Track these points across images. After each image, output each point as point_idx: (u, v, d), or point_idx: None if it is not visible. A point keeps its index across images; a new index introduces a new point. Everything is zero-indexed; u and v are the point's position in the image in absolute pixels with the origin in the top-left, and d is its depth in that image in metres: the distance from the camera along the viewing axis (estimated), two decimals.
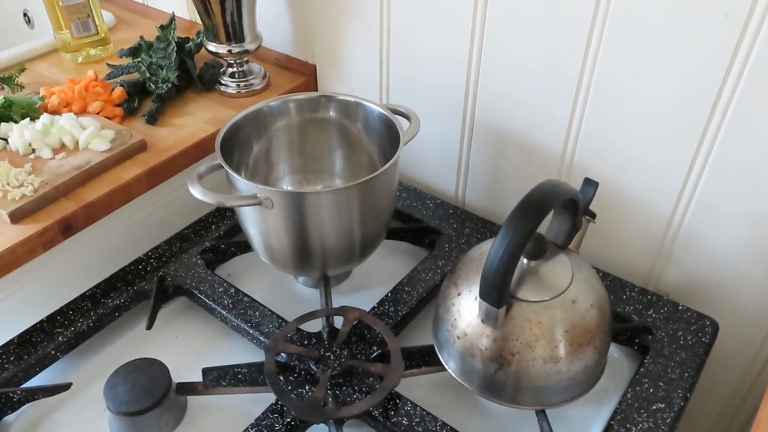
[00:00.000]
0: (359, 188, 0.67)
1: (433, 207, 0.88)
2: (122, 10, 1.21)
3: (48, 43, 1.07)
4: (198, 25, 1.09)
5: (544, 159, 0.81)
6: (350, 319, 0.69)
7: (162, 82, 0.94)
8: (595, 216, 0.63)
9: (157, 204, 0.87)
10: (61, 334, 0.71)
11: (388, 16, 0.85)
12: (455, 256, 0.80)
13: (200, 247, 0.81)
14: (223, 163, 0.66)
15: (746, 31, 0.60)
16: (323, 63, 0.98)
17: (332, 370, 0.65)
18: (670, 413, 0.63)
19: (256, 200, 0.65)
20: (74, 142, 0.83)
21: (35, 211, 0.75)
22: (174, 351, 0.73)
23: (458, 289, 0.61)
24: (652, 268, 0.80)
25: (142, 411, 0.61)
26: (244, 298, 0.75)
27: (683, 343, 0.70)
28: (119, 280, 0.77)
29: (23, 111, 0.88)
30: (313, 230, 0.68)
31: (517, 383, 0.59)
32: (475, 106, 0.83)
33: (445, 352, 0.64)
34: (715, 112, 0.65)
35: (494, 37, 0.77)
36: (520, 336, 0.57)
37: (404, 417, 0.62)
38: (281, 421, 0.62)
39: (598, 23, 0.68)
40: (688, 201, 0.72)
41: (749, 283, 0.74)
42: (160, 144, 0.86)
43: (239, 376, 0.66)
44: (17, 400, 0.65)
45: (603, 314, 0.60)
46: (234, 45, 0.93)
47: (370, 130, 0.78)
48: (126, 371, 0.64)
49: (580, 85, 0.73)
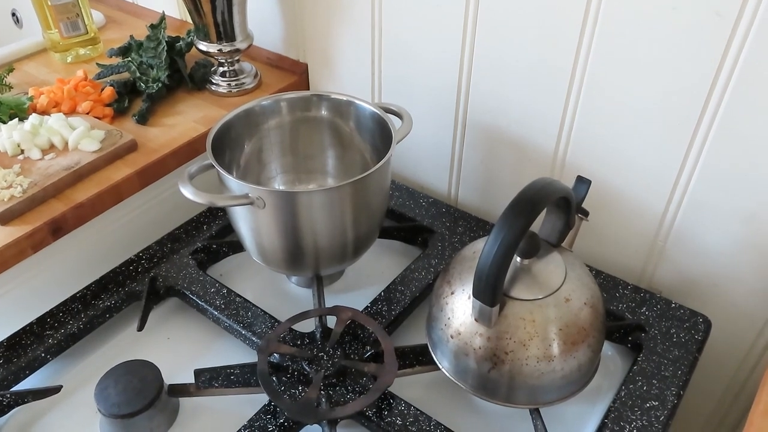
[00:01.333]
0: (352, 187, 0.66)
1: (426, 206, 0.87)
2: (112, 10, 1.21)
3: (37, 43, 1.06)
4: (188, 24, 1.09)
5: (537, 157, 0.81)
6: (343, 318, 0.69)
7: (152, 82, 0.93)
8: (587, 214, 0.63)
9: (148, 204, 0.87)
10: (51, 336, 0.70)
11: (380, 15, 0.84)
12: (448, 255, 0.79)
13: (192, 248, 0.81)
14: (214, 163, 0.66)
15: (737, 29, 0.60)
16: (315, 62, 0.98)
17: (325, 371, 0.65)
18: (663, 411, 0.63)
19: (247, 200, 0.64)
20: (63, 143, 0.82)
21: (24, 212, 0.74)
22: (166, 352, 0.72)
23: (451, 287, 0.61)
24: (644, 265, 0.80)
25: (134, 413, 0.60)
26: (236, 298, 0.74)
27: (676, 340, 0.70)
28: (110, 281, 0.76)
29: (12, 111, 0.87)
30: (306, 230, 0.68)
31: (511, 382, 0.59)
32: (468, 105, 0.83)
33: (438, 352, 0.64)
34: (706, 111, 0.66)
35: (486, 35, 0.76)
36: (514, 335, 0.57)
37: (398, 417, 0.62)
38: (274, 422, 0.62)
39: (589, 22, 0.68)
40: (680, 199, 0.73)
41: (741, 281, 0.74)
42: (151, 144, 0.86)
43: (232, 377, 0.65)
44: (6, 403, 0.64)
45: (596, 312, 0.60)
46: (225, 44, 0.93)
47: (362, 129, 0.78)
48: (117, 373, 0.63)
49: (572, 83, 0.73)
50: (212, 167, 0.67)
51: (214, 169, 0.66)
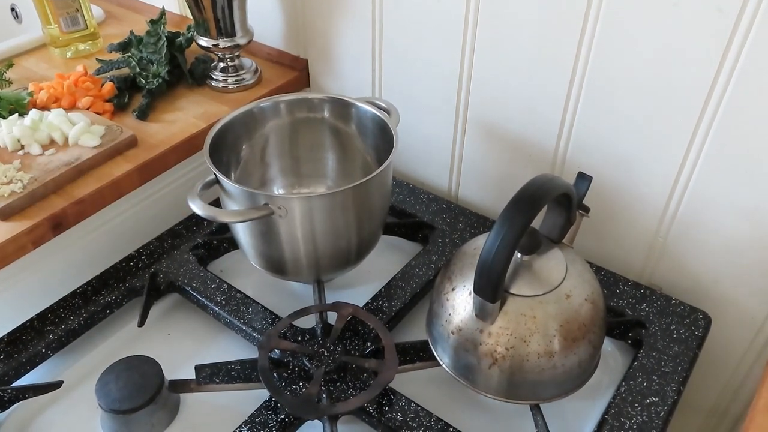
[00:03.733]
0: (354, 191, 0.65)
1: (427, 202, 0.87)
2: (111, 5, 1.20)
3: (36, 38, 1.06)
4: (188, 19, 1.08)
5: (538, 153, 0.81)
6: (344, 314, 0.69)
7: (152, 77, 0.93)
8: (588, 210, 0.63)
9: (148, 200, 0.87)
10: (52, 332, 0.70)
11: (380, 11, 0.84)
12: (449, 251, 0.79)
13: (192, 244, 0.81)
14: (218, 174, 0.65)
15: (739, 25, 0.60)
16: (315, 58, 0.97)
17: (326, 366, 0.65)
18: (663, 407, 0.63)
19: (268, 211, 0.63)
20: (64, 138, 0.82)
21: (24, 207, 0.74)
22: (166, 348, 0.72)
23: (452, 284, 0.61)
24: (645, 262, 0.80)
25: (135, 409, 0.60)
26: (236, 294, 0.74)
27: (676, 336, 0.70)
28: (110, 277, 0.76)
29: (11, 107, 0.87)
30: (318, 234, 0.67)
31: (512, 378, 0.59)
32: (468, 101, 0.83)
33: (439, 348, 0.64)
34: (707, 107, 0.65)
35: (487, 31, 0.76)
36: (515, 331, 0.57)
37: (399, 413, 0.62)
38: (275, 418, 0.62)
39: (591, 18, 0.68)
40: (681, 195, 0.72)
41: (742, 277, 0.74)
42: (151, 139, 0.86)
43: (232, 373, 0.65)
44: (7, 399, 0.64)
45: (597, 308, 0.60)
46: (225, 40, 0.93)
47: (362, 130, 0.78)
48: (118, 369, 0.63)
49: (573, 79, 0.72)
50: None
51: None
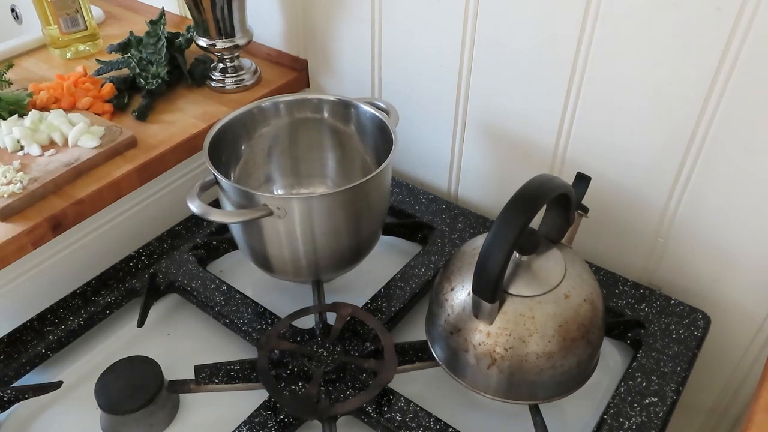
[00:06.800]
0: (353, 192, 0.65)
1: (426, 202, 0.87)
2: (111, 6, 1.20)
3: (36, 39, 1.06)
4: (188, 20, 1.08)
5: (537, 153, 0.81)
6: (343, 315, 0.69)
7: (152, 78, 0.93)
8: (587, 210, 0.63)
9: (147, 201, 0.87)
10: (52, 332, 0.70)
11: (380, 11, 0.84)
12: (448, 252, 0.79)
13: (192, 244, 0.81)
14: (218, 175, 0.65)
15: (738, 25, 0.60)
16: (315, 58, 0.97)
17: (325, 367, 0.65)
18: (662, 407, 0.63)
19: (267, 211, 0.63)
20: (63, 139, 0.82)
21: (24, 208, 0.74)
22: (166, 348, 0.72)
23: (451, 284, 0.61)
24: (644, 262, 0.80)
25: (134, 409, 0.60)
26: (236, 294, 0.74)
27: (676, 336, 0.70)
28: (110, 277, 0.76)
29: (11, 107, 0.86)
30: (318, 234, 0.67)
31: (511, 378, 0.59)
32: (468, 101, 0.83)
33: (438, 348, 0.64)
34: (707, 106, 0.65)
35: (486, 31, 0.76)
36: (513, 331, 0.57)
37: (398, 413, 0.62)
38: (274, 418, 0.62)
39: (590, 18, 0.68)
40: (680, 195, 0.72)
41: (741, 277, 0.74)
42: (151, 140, 0.86)
43: (232, 373, 0.65)
44: (7, 399, 0.64)
45: (596, 309, 0.60)
46: (224, 40, 0.93)
47: (361, 130, 0.78)
48: (117, 369, 0.63)
49: (572, 79, 0.72)
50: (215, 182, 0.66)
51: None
